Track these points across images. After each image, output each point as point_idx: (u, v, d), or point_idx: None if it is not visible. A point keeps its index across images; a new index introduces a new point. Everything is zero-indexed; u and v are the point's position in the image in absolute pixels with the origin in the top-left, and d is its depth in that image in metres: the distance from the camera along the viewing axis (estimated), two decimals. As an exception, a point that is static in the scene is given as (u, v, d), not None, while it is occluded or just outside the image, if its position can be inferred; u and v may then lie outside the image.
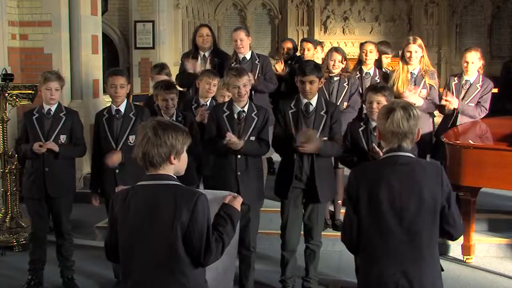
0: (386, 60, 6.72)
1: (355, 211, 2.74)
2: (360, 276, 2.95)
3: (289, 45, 7.05)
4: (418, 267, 2.68)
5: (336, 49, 5.93)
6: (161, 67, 5.77)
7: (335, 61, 5.73)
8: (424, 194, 2.68)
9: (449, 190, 2.75)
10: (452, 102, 5.53)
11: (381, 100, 4.28)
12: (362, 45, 6.36)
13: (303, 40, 7.43)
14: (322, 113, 4.45)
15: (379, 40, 9.50)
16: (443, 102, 5.58)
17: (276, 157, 5.35)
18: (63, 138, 4.73)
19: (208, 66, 5.95)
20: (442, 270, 2.98)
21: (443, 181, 2.75)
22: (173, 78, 5.81)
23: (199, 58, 6.09)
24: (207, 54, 6.13)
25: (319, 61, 5.99)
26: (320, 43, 7.09)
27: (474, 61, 5.62)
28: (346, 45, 13.97)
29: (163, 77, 5.50)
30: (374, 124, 4.35)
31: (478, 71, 5.70)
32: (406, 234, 2.67)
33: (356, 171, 2.88)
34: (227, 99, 4.86)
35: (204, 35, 6.11)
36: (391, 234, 2.68)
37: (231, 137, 4.26)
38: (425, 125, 5.62)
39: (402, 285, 2.65)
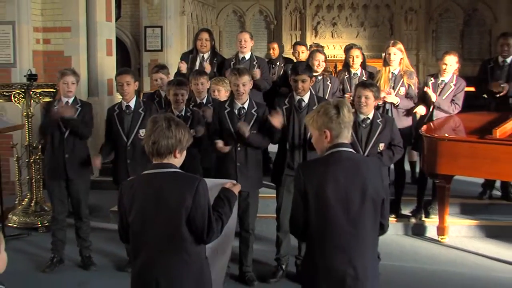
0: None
1: (305, 207, 2.56)
2: (307, 268, 2.65)
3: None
4: (362, 256, 2.54)
5: (318, 51, 6.02)
6: (160, 67, 5.67)
7: (319, 61, 5.82)
8: (368, 188, 2.53)
9: (386, 184, 2.68)
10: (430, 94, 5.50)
11: (369, 95, 4.29)
12: (348, 50, 6.32)
13: (297, 43, 7.35)
14: (314, 107, 4.41)
15: (365, 43, 9.44)
16: (427, 90, 5.53)
17: (272, 148, 5.30)
18: None
19: (208, 66, 5.92)
20: (379, 259, 2.79)
21: (382, 175, 2.70)
22: (171, 77, 5.71)
23: (198, 58, 6.06)
24: (206, 55, 6.09)
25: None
26: (321, 48, 6.93)
27: (452, 64, 5.61)
28: (335, 48, 14.01)
29: (160, 75, 5.47)
30: (362, 116, 4.36)
31: (454, 72, 5.68)
32: (352, 225, 2.52)
33: (302, 168, 2.64)
34: (217, 93, 4.98)
35: (203, 40, 6.05)
36: (339, 227, 2.51)
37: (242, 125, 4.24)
38: (405, 120, 5.61)
39: (349, 274, 2.49)
